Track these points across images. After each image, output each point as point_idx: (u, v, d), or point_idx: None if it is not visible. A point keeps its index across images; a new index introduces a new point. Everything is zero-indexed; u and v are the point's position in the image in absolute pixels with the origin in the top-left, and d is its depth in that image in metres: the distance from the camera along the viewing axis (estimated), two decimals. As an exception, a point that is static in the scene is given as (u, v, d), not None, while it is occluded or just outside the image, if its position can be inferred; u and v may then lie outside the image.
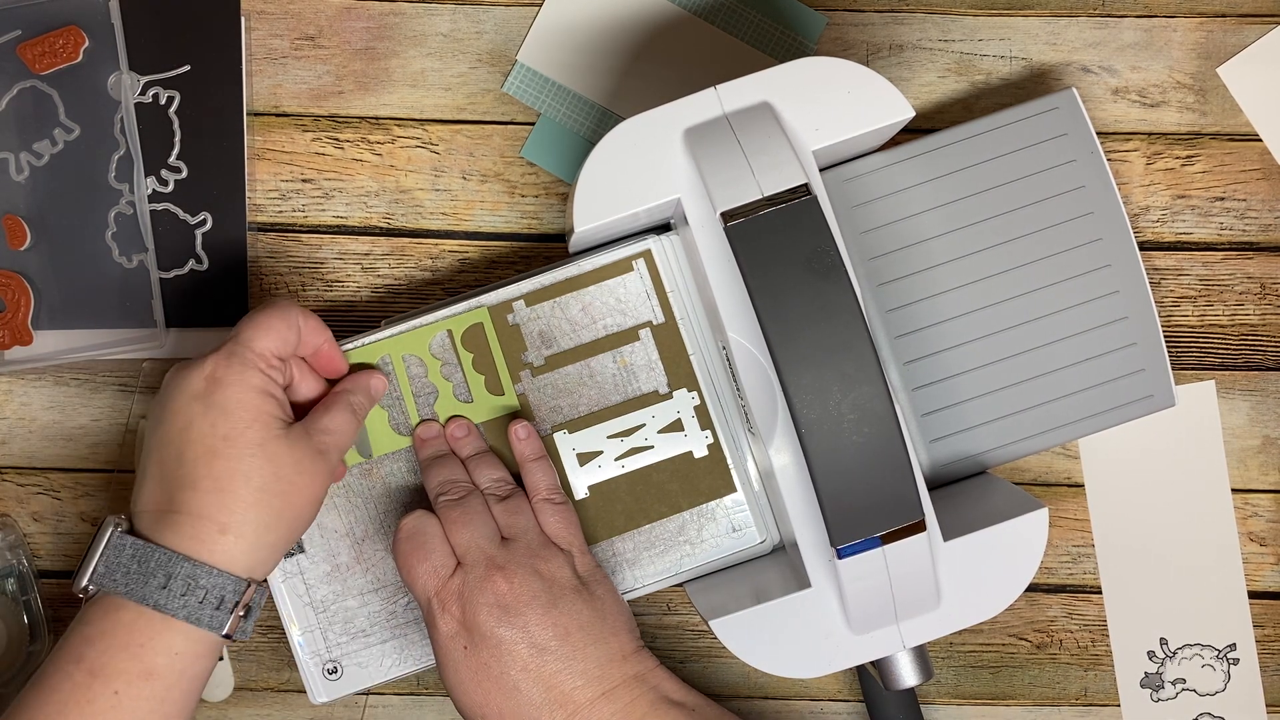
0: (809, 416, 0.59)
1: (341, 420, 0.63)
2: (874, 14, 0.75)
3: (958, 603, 0.64)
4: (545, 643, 0.61)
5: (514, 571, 0.62)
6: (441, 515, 0.64)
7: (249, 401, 0.59)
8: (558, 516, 0.65)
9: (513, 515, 0.64)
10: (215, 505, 0.59)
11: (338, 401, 0.64)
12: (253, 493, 0.59)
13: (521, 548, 0.63)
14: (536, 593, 0.62)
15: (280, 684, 0.75)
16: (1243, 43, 0.75)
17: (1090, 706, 0.75)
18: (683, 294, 0.68)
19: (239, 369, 0.60)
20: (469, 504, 0.64)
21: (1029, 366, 0.68)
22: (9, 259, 0.73)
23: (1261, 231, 0.75)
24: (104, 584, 0.58)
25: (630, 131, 0.63)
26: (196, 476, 0.59)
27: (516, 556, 0.63)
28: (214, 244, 0.73)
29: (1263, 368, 0.75)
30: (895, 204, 0.69)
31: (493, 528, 0.64)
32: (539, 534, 0.64)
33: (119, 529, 0.59)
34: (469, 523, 0.63)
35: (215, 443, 0.59)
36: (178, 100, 0.73)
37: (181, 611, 0.58)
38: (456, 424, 0.68)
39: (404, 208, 0.74)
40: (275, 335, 0.61)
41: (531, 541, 0.64)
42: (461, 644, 0.62)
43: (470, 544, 0.63)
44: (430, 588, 0.62)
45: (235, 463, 0.59)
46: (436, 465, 0.66)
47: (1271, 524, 0.75)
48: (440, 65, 0.74)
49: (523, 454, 0.67)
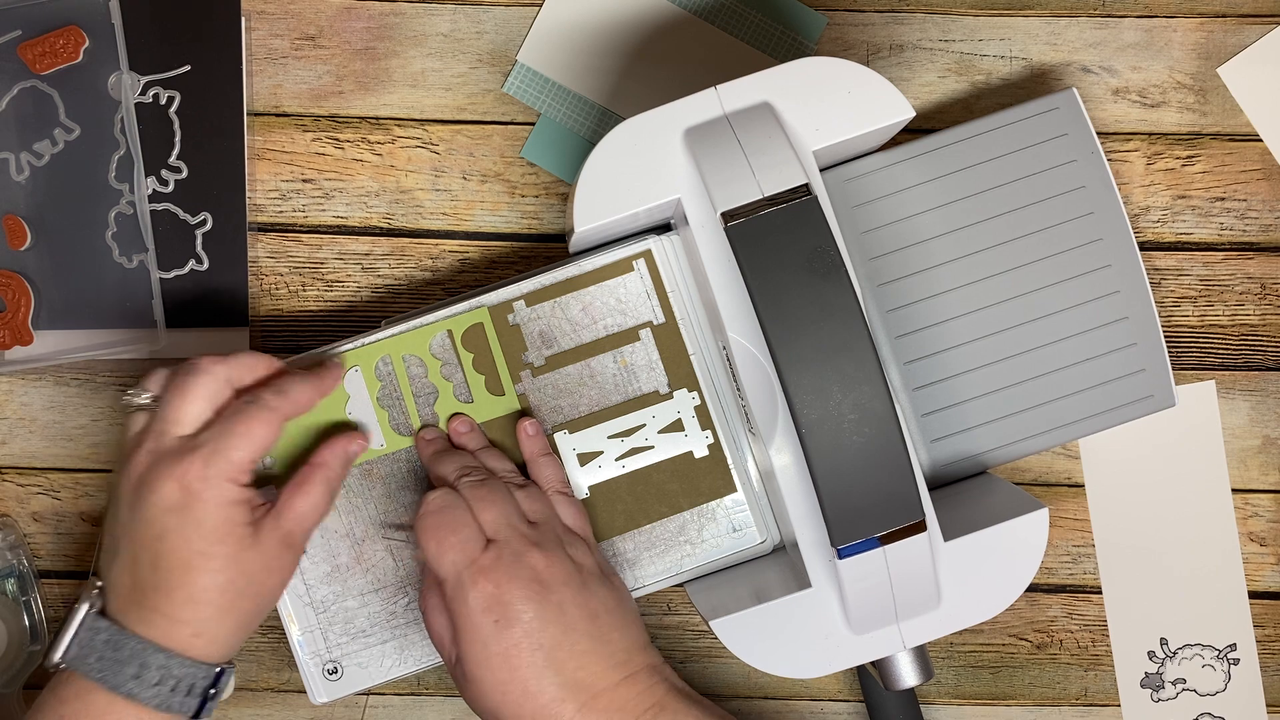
0: (809, 416, 0.59)
1: (313, 501, 0.63)
2: (874, 14, 0.75)
3: (958, 603, 0.64)
4: (576, 623, 0.61)
5: (548, 549, 0.62)
6: (467, 494, 0.63)
7: (221, 516, 0.60)
8: (573, 510, 0.66)
9: (534, 502, 0.65)
10: (189, 614, 0.60)
11: (312, 479, 0.63)
12: (226, 601, 0.60)
13: (549, 530, 0.63)
14: (569, 573, 0.62)
15: (280, 684, 0.75)
16: (1243, 43, 0.75)
17: (1090, 706, 0.75)
18: (683, 294, 0.68)
19: (215, 483, 0.60)
20: (493, 484, 0.64)
21: (1029, 366, 0.68)
22: (9, 259, 0.73)
23: (1262, 232, 0.75)
24: (77, 666, 0.60)
25: (630, 131, 0.63)
26: (171, 586, 0.59)
27: (548, 537, 0.63)
28: (214, 244, 0.73)
29: (1263, 368, 0.75)
30: (895, 204, 0.69)
31: (519, 509, 0.64)
32: (560, 521, 0.65)
33: (93, 609, 0.61)
34: (496, 501, 0.63)
35: (189, 556, 0.59)
36: (178, 100, 0.73)
37: (154, 700, 0.59)
38: (459, 420, 0.68)
39: (404, 208, 0.74)
40: (256, 445, 0.61)
41: (556, 526, 0.64)
42: (493, 618, 0.60)
43: (501, 521, 0.62)
44: (461, 561, 0.61)
45: (208, 578, 0.60)
46: (449, 454, 0.66)
47: (1271, 524, 0.75)
48: (440, 65, 0.74)
49: (532, 450, 0.67)
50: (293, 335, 0.74)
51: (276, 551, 0.62)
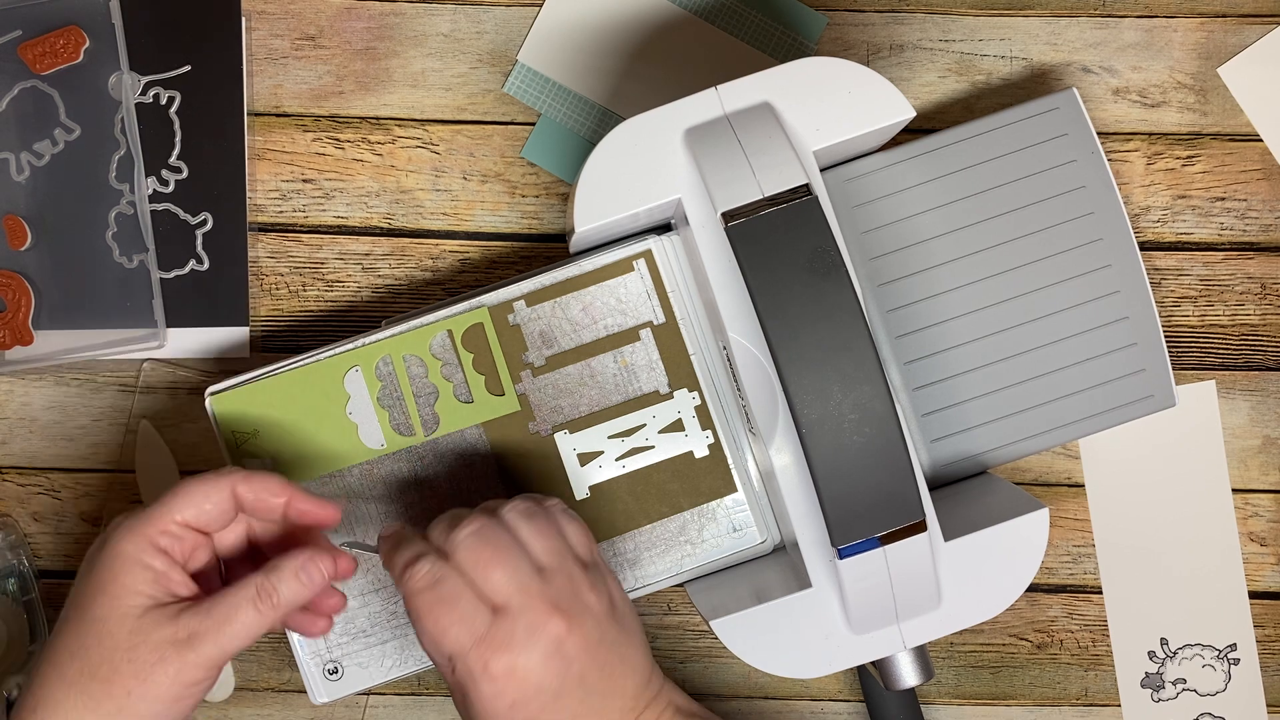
0: (810, 416, 0.59)
1: (228, 605, 0.56)
2: (874, 14, 0.75)
3: (958, 603, 0.64)
4: (594, 685, 0.57)
5: (569, 607, 0.57)
6: (463, 557, 0.57)
7: (111, 567, 0.55)
8: (579, 529, 0.60)
9: (545, 537, 0.58)
10: (38, 678, 0.55)
11: (244, 584, 0.57)
12: (73, 672, 0.54)
13: (564, 578, 0.57)
14: (587, 632, 0.57)
15: (280, 684, 0.75)
16: (1243, 43, 0.75)
17: (1091, 706, 0.75)
18: (683, 294, 0.68)
19: (124, 532, 0.56)
20: (497, 535, 0.57)
21: (1029, 366, 0.68)
22: (9, 259, 0.73)
23: (1262, 231, 0.75)
24: None
25: (631, 131, 0.63)
26: (50, 641, 0.56)
27: (564, 589, 0.57)
28: (214, 244, 0.73)
29: (1263, 368, 0.75)
30: (896, 204, 0.69)
31: (528, 559, 0.57)
32: (570, 552, 0.59)
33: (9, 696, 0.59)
34: (504, 560, 0.56)
35: (69, 609, 0.56)
36: (178, 100, 0.73)
37: None
38: None
39: (404, 208, 0.74)
40: (190, 504, 0.57)
41: (571, 568, 0.58)
42: (508, 702, 0.56)
43: (512, 585, 0.56)
44: (466, 641, 0.56)
45: (68, 638, 0.55)
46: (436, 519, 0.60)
47: (1271, 524, 0.75)
48: (441, 65, 0.74)
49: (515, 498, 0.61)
50: (293, 335, 0.74)
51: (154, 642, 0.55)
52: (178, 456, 0.74)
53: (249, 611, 0.57)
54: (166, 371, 0.74)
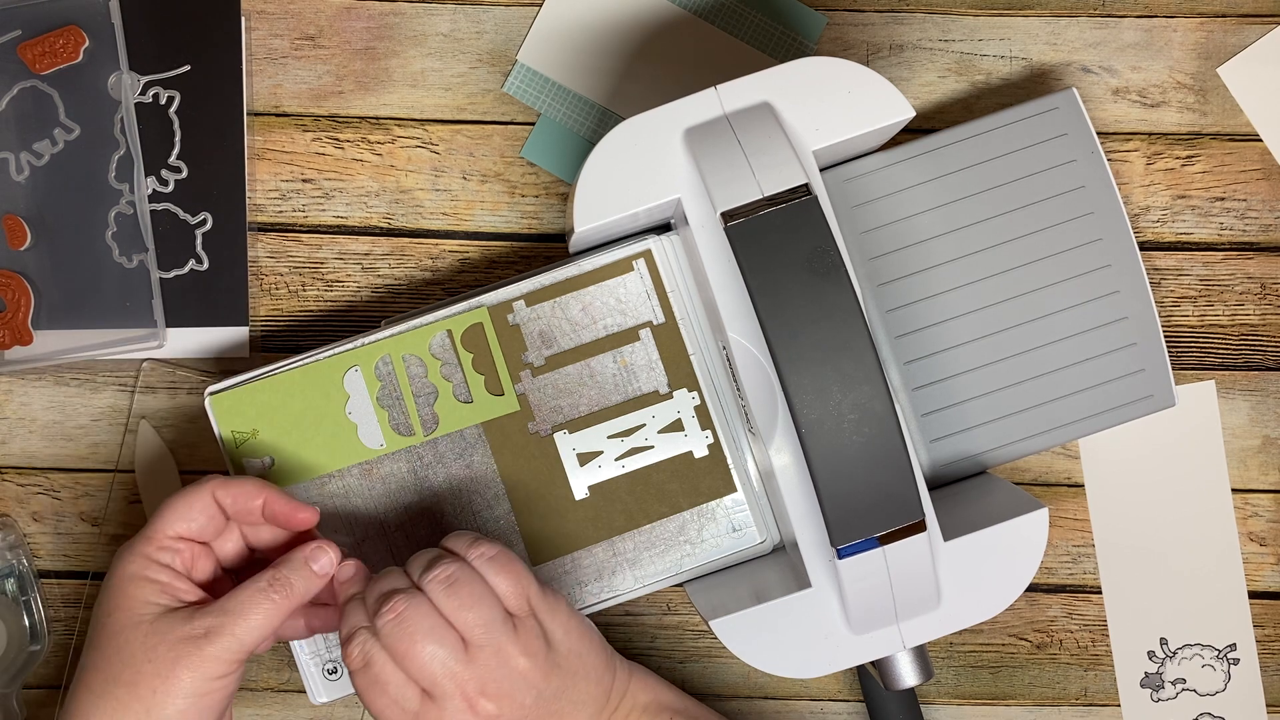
0: (809, 416, 0.59)
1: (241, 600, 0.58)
2: (874, 14, 0.75)
3: (958, 603, 0.64)
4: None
5: (497, 688, 0.57)
6: (389, 641, 0.57)
7: (117, 587, 0.59)
8: (503, 573, 0.59)
9: (468, 609, 0.57)
10: (70, 699, 0.59)
11: (256, 580, 0.59)
12: (99, 683, 0.58)
13: (491, 653, 0.58)
14: (521, 698, 0.58)
15: (280, 684, 0.75)
16: (1243, 43, 0.75)
17: (1090, 706, 0.75)
18: (683, 294, 0.68)
19: (125, 554, 0.60)
20: (410, 621, 0.57)
21: (1029, 366, 0.68)
22: (9, 259, 0.73)
23: (1262, 231, 0.75)
24: None
25: (630, 131, 0.63)
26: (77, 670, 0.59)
27: (491, 667, 0.57)
28: (214, 244, 0.73)
29: (1263, 368, 0.75)
30: (895, 204, 0.69)
31: (452, 639, 0.57)
32: (503, 620, 0.58)
33: None
34: (425, 647, 0.57)
35: (91, 630, 0.60)
36: (178, 100, 0.73)
37: None
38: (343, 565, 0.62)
39: (404, 208, 0.74)
40: (178, 517, 0.60)
41: (497, 634, 0.58)
42: None
43: (437, 670, 0.57)
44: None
45: (93, 652, 0.59)
46: (372, 582, 0.60)
47: (1271, 524, 0.75)
48: (440, 65, 0.74)
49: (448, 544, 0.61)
50: (293, 335, 0.74)
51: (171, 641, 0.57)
52: (178, 456, 0.74)
53: (263, 602, 0.59)
54: (166, 371, 0.74)
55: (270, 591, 0.59)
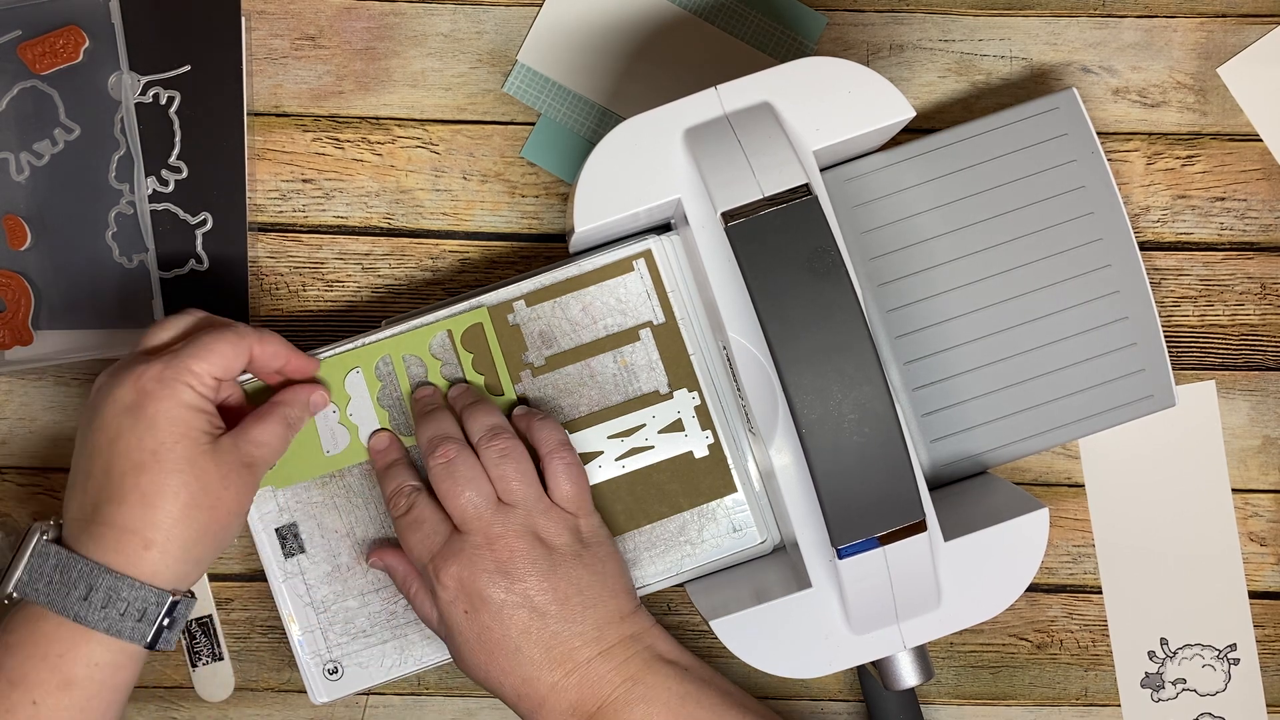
0: (809, 416, 0.59)
1: (272, 432, 0.63)
2: (874, 14, 0.75)
3: (958, 603, 0.64)
4: (545, 607, 0.62)
5: (512, 538, 0.62)
6: (433, 482, 0.64)
7: (178, 416, 0.59)
8: (569, 477, 0.65)
9: (510, 478, 0.64)
10: (140, 520, 0.58)
11: (272, 413, 0.64)
12: (179, 508, 0.59)
13: (519, 514, 0.63)
14: (536, 558, 0.62)
15: (280, 684, 0.75)
16: (1243, 43, 0.75)
17: (1090, 706, 0.75)
18: (683, 294, 0.68)
19: (170, 384, 0.60)
20: (458, 468, 0.63)
21: (1029, 366, 0.68)
22: (9, 259, 0.73)
23: (1262, 231, 0.75)
24: (26, 592, 0.59)
25: (630, 131, 0.63)
26: (124, 490, 0.59)
27: (515, 522, 0.63)
28: (214, 244, 0.73)
29: (1263, 368, 0.75)
30: (896, 204, 0.69)
31: (487, 490, 0.63)
32: (539, 497, 0.64)
33: (45, 536, 0.60)
34: (459, 491, 0.63)
35: (143, 457, 0.59)
36: (178, 100, 0.73)
37: (102, 624, 0.58)
38: (455, 386, 0.68)
39: (404, 208, 0.74)
40: (217, 359, 0.61)
41: (531, 506, 0.63)
42: (462, 608, 0.62)
43: (467, 509, 0.63)
44: (425, 556, 0.63)
45: (161, 478, 0.59)
46: (426, 420, 0.66)
47: (1271, 524, 0.75)
48: (440, 65, 0.74)
49: (526, 423, 0.66)
50: (293, 335, 0.74)
51: (234, 467, 0.61)
52: (177, 456, 0.74)
53: (284, 434, 0.64)
54: (166, 371, 0.74)
55: (288, 428, 0.64)
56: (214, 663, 0.74)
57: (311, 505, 0.68)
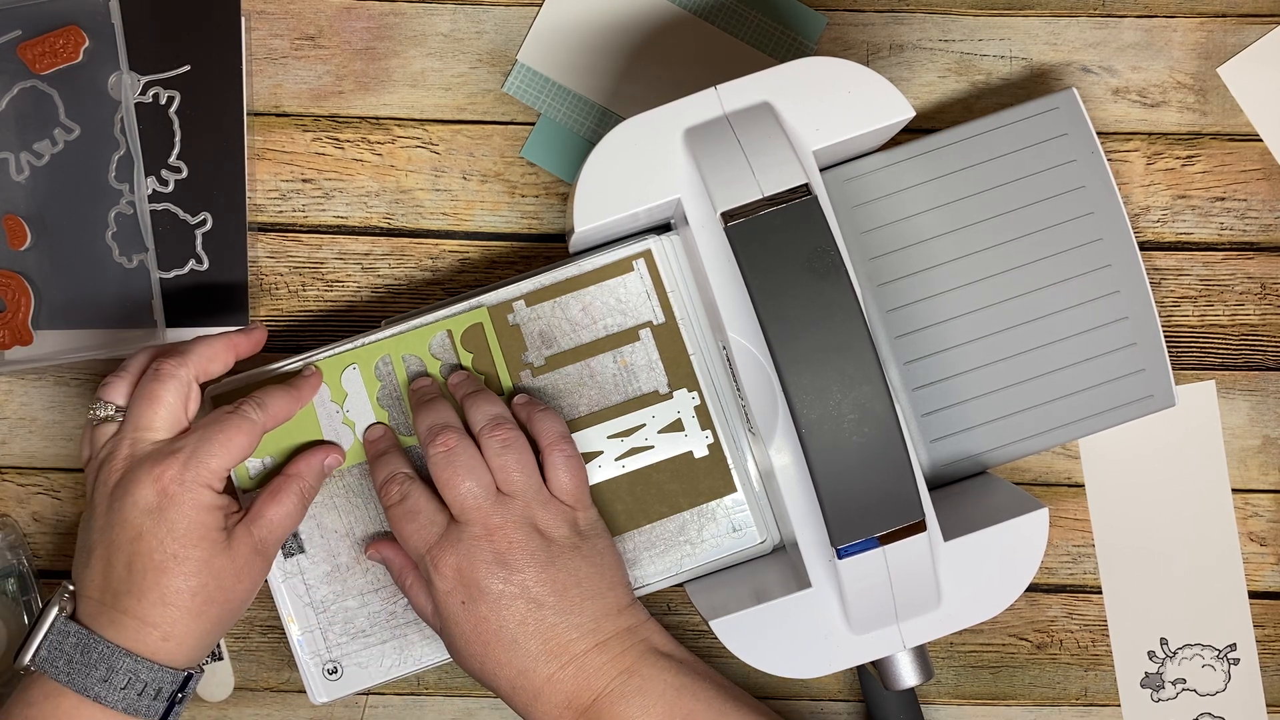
0: (809, 416, 0.59)
1: (286, 511, 0.64)
2: (874, 14, 0.75)
3: (958, 603, 0.64)
4: (542, 598, 0.62)
5: (511, 530, 0.62)
6: (432, 470, 0.64)
7: (196, 520, 0.61)
8: (569, 470, 0.65)
9: (510, 469, 0.64)
10: (159, 616, 0.61)
11: (286, 489, 0.65)
12: (197, 605, 0.61)
13: (519, 504, 0.63)
14: (534, 550, 0.62)
15: (280, 684, 0.75)
16: (1243, 43, 0.75)
17: (1090, 706, 0.75)
18: (683, 294, 0.68)
19: (191, 487, 0.61)
20: (458, 458, 0.63)
21: (1029, 366, 0.68)
22: (9, 259, 0.73)
23: (1262, 231, 0.75)
24: (46, 668, 0.60)
25: (630, 131, 0.63)
26: (144, 587, 0.60)
27: (513, 513, 0.63)
28: (214, 244, 0.73)
29: (1263, 368, 0.75)
30: (895, 204, 0.69)
31: (487, 480, 0.63)
32: (539, 489, 0.64)
33: (64, 613, 0.61)
34: (459, 480, 0.63)
35: (164, 559, 0.61)
36: (178, 100, 0.73)
37: (120, 704, 0.60)
38: (455, 374, 0.68)
39: (404, 208, 0.74)
40: (236, 451, 0.63)
41: (530, 497, 0.64)
42: (459, 599, 0.62)
43: (466, 499, 0.63)
44: (422, 547, 0.63)
45: (180, 580, 0.61)
46: (425, 409, 0.66)
47: (1271, 524, 0.75)
48: (440, 65, 0.74)
49: (528, 413, 0.66)
50: (293, 335, 0.74)
51: (248, 558, 0.63)
52: (177, 456, 0.74)
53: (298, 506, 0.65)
54: (166, 371, 0.74)
55: (302, 501, 0.65)
56: (213, 663, 0.74)
57: (311, 505, 0.68)
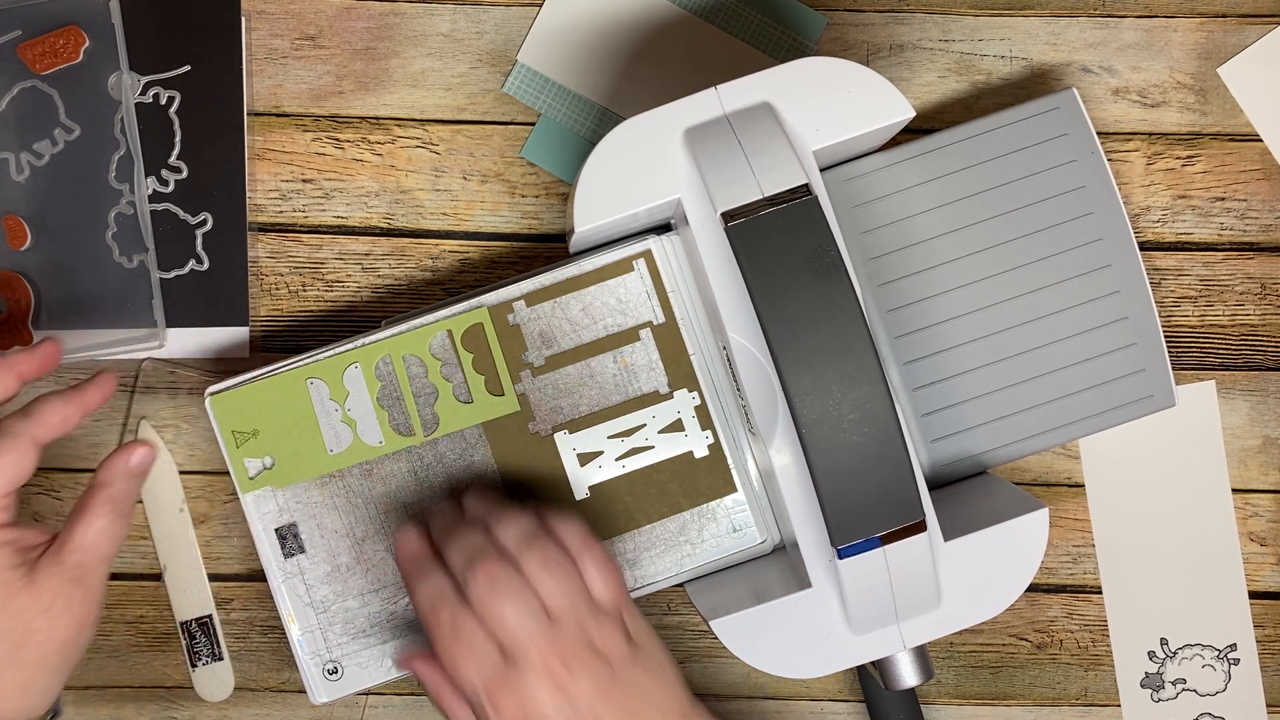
0: (809, 416, 0.59)
1: (98, 529, 0.59)
2: (874, 14, 0.75)
3: (958, 603, 0.64)
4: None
5: (573, 659, 0.58)
6: (476, 601, 0.58)
7: None
8: (603, 575, 0.61)
9: (556, 581, 0.59)
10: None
11: (93, 504, 0.59)
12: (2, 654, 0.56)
13: (572, 626, 0.58)
14: (596, 675, 0.58)
15: (280, 684, 0.75)
16: (1243, 43, 0.75)
17: (1090, 707, 0.75)
18: (683, 294, 0.68)
19: None
20: (503, 585, 0.58)
21: (1029, 366, 0.68)
22: (9, 259, 0.73)
23: (1262, 232, 0.75)
24: None
25: (630, 131, 0.63)
26: None
27: (568, 638, 0.58)
28: (214, 244, 0.73)
29: (1263, 368, 0.75)
30: (896, 204, 0.69)
31: (535, 605, 0.58)
32: (587, 603, 0.59)
33: None
34: (508, 612, 0.58)
35: None
36: (178, 100, 0.73)
37: None
38: (469, 497, 0.64)
39: (404, 208, 0.74)
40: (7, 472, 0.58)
41: (582, 615, 0.59)
42: None
43: (518, 628, 0.58)
44: (477, 681, 0.58)
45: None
46: (451, 538, 0.61)
47: (1271, 524, 0.75)
48: (440, 65, 0.74)
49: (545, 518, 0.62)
50: (293, 335, 0.74)
51: (60, 590, 0.57)
52: (177, 457, 0.74)
53: (114, 525, 0.60)
54: (166, 371, 0.74)
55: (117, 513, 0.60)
56: (213, 663, 0.74)
57: (311, 505, 0.68)
